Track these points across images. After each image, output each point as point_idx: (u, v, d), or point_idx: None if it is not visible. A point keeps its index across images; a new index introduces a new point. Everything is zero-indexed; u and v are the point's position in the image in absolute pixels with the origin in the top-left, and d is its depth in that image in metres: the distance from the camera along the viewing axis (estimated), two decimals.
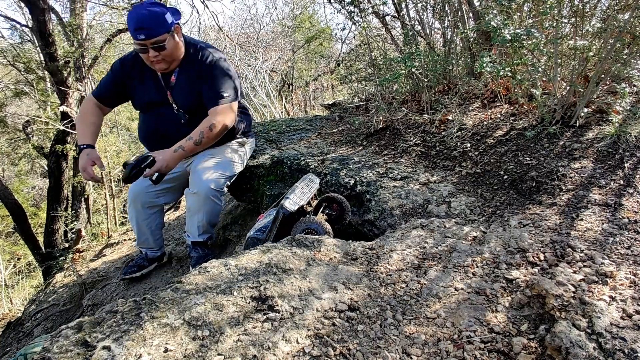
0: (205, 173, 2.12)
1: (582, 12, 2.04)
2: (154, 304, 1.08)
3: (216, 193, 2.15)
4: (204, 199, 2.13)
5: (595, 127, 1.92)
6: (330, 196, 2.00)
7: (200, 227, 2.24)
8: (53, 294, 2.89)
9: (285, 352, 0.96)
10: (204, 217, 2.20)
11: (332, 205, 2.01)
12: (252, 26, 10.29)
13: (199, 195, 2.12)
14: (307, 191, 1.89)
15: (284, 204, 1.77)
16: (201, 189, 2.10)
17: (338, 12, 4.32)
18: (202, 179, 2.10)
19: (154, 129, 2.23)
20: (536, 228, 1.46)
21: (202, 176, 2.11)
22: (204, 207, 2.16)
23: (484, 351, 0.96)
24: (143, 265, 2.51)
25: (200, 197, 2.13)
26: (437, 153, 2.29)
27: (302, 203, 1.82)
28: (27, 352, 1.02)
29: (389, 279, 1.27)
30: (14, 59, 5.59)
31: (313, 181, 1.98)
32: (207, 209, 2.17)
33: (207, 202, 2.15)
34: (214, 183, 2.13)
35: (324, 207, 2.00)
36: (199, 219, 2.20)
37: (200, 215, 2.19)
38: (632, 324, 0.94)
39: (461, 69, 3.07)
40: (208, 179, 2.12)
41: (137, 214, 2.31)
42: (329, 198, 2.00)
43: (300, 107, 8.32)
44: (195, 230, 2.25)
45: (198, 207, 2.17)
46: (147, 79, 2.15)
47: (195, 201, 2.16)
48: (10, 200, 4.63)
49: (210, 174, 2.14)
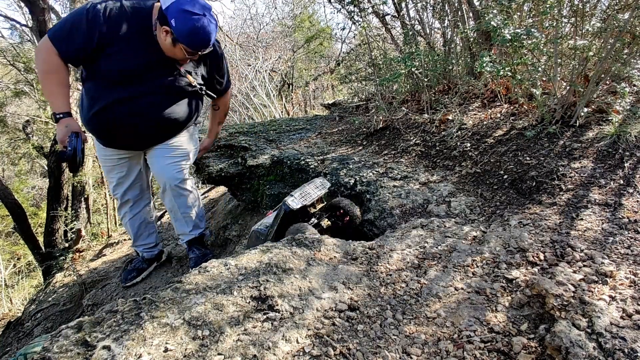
0: (163, 170, 2.08)
1: (582, 12, 2.04)
2: (154, 304, 1.08)
3: (182, 184, 2.12)
4: (174, 195, 2.13)
5: (595, 126, 1.92)
6: (339, 204, 1.96)
7: (189, 222, 2.23)
8: (53, 294, 2.90)
9: (285, 352, 0.96)
10: (185, 210, 2.19)
11: (337, 213, 1.97)
12: (252, 26, 10.29)
13: (167, 193, 2.13)
14: (314, 193, 1.88)
15: (287, 201, 1.76)
16: (166, 187, 2.10)
17: (338, 11, 4.32)
18: (163, 177, 2.09)
19: (128, 111, 1.86)
20: (536, 228, 1.46)
21: (163, 174, 2.08)
22: (179, 201, 2.15)
23: (483, 351, 0.96)
24: (142, 269, 2.49)
25: (169, 194, 2.13)
26: (437, 153, 2.29)
27: (306, 203, 1.81)
28: (27, 352, 1.02)
29: (389, 278, 1.27)
30: (14, 58, 5.59)
31: (323, 185, 1.95)
32: (182, 202, 2.16)
33: (179, 196, 2.14)
34: (177, 175, 2.09)
35: (331, 214, 1.97)
36: (182, 213, 2.20)
37: (182, 210, 2.19)
38: (632, 323, 0.94)
39: (461, 68, 3.07)
40: (169, 175, 2.08)
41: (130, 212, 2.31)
42: (337, 206, 1.97)
43: (300, 107, 8.31)
44: (185, 226, 2.25)
45: (172, 204, 2.17)
46: (135, 41, 1.77)
47: (168, 200, 2.16)
48: (10, 200, 4.63)
49: (169, 167, 2.08)
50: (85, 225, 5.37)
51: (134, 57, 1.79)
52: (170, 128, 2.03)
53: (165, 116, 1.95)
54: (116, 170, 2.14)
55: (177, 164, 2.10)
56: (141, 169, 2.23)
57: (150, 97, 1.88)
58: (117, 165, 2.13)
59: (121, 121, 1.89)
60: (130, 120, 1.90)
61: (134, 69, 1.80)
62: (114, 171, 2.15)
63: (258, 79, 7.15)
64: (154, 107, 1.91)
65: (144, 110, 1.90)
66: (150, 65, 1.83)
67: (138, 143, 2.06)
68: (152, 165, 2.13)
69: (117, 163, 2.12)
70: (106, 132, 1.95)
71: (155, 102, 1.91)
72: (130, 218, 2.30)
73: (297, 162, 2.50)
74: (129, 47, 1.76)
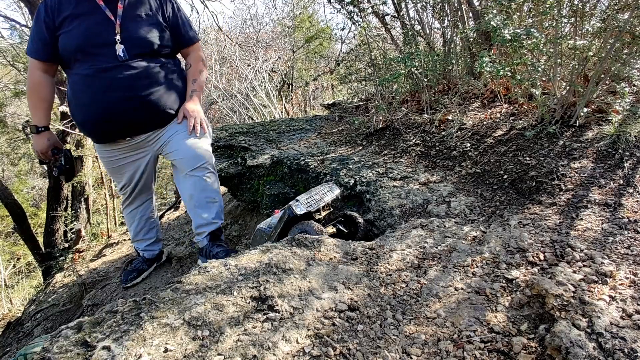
0: (199, 145, 1.94)
1: (582, 12, 2.04)
2: (153, 304, 1.08)
3: (206, 165, 1.98)
4: (209, 173, 1.97)
5: (595, 126, 1.92)
6: (349, 215, 1.95)
7: (219, 210, 2.04)
8: (53, 294, 2.89)
9: (285, 352, 0.96)
10: (215, 195, 2.02)
11: (346, 223, 1.94)
12: (252, 26, 10.29)
13: (188, 176, 1.94)
14: (321, 198, 1.82)
15: (292, 206, 1.74)
16: (203, 163, 1.93)
17: (338, 12, 4.33)
18: (203, 152, 1.94)
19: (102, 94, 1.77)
20: (536, 228, 1.46)
21: (201, 150, 1.94)
22: (212, 182, 1.99)
23: (483, 351, 0.96)
24: (142, 269, 2.47)
25: (192, 177, 1.94)
26: (437, 153, 2.29)
27: (311, 209, 1.75)
28: (27, 352, 1.02)
29: (389, 278, 1.27)
30: (13, 59, 5.59)
31: (332, 190, 1.91)
32: (213, 181, 2.00)
33: (211, 176, 1.98)
34: (209, 153, 1.97)
35: (338, 222, 1.95)
36: (205, 197, 1.99)
37: (210, 194, 2.00)
38: (632, 323, 0.94)
39: (461, 68, 3.07)
40: (208, 150, 1.96)
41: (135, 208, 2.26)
42: (348, 217, 1.95)
43: (300, 107, 8.32)
44: (208, 212, 2.01)
45: (195, 188, 1.96)
46: (82, 8, 1.75)
47: (191, 185, 1.96)
48: (10, 200, 4.63)
49: (204, 143, 1.96)
50: (85, 225, 5.37)
51: (79, 30, 1.75)
52: (151, 95, 1.87)
53: (139, 83, 1.82)
54: (125, 168, 2.09)
55: (206, 141, 1.99)
56: (145, 166, 2.13)
57: (113, 69, 1.78)
58: (119, 166, 2.08)
59: (103, 102, 1.80)
60: (110, 97, 1.80)
61: (82, 41, 1.75)
62: (122, 169, 2.09)
63: (258, 79, 7.15)
64: (123, 76, 1.79)
65: (117, 82, 1.79)
66: (98, 32, 1.76)
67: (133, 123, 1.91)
68: (174, 150, 1.96)
69: (127, 161, 2.06)
70: (97, 124, 1.88)
71: (122, 70, 1.78)
72: (130, 211, 2.28)
73: (297, 162, 2.50)
74: (77, 17, 1.76)
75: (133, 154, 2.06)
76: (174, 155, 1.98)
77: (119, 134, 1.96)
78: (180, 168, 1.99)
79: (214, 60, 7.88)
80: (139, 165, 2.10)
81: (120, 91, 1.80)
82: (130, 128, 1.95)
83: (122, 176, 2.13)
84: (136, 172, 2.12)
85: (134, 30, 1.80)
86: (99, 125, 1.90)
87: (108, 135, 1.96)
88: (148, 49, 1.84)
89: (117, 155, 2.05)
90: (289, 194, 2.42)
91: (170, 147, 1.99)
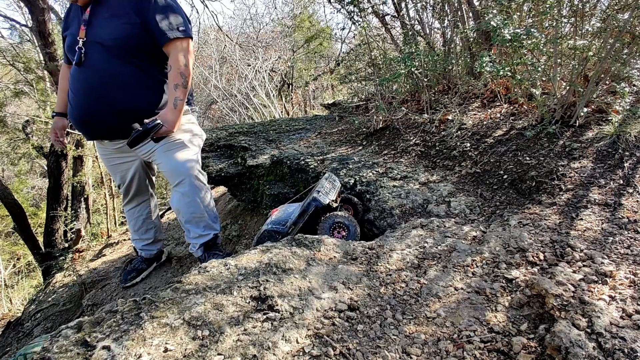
0: (178, 159, 1.90)
1: (582, 12, 2.04)
2: (153, 304, 1.08)
3: (200, 176, 1.96)
4: (192, 187, 1.92)
5: (595, 126, 1.92)
6: (347, 197, 2.04)
7: (207, 223, 2.03)
8: (53, 294, 2.89)
9: (285, 352, 0.96)
10: (201, 211, 1.99)
11: (347, 206, 2.04)
12: (252, 26, 10.29)
13: (183, 185, 1.91)
14: (333, 187, 1.92)
15: (316, 197, 1.75)
16: (182, 179, 1.90)
17: (338, 11, 4.32)
18: (182, 168, 1.89)
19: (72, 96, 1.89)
20: (536, 228, 1.46)
21: (179, 165, 1.89)
22: (196, 197, 1.94)
23: (483, 351, 0.96)
24: (141, 269, 2.48)
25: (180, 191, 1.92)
26: (437, 153, 2.29)
27: (332, 197, 1.83)
28: (27, 352, 1.02)
29: (389, 278, 1.27)
30: (13, 58, 5.58)
31: (335, 179, 2.01)
32: (197, 195, 1.95)
33: (194, 190, 1.93)
34: (194, 165, 1.92)
35: (342, 207, 2.04)
36: (196, 213, 1.98)
37: (195, 210, 1.97)
38: (631, 323, 0.94)
39: (461, 68, 3.07)
40: (186, 164, 1.89)
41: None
42: (346, 199, 2.04)
43: (300, 107, 8.31)
44: (201, 229, 2.04)
45: (187, 202, 1.94)
46: (73, 18, 1.90)
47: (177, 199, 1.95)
48: (10, 200, 4.62)
49: (185, 156, 1.91)
50: (85, 225, 5.37)
51: (68, 36, 1.89)
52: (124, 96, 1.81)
53: (100, 88, 1.79)
54: (115, 169, 2.15)
55: (192, 151, 1.96)
56: (134, 171, 2.14)
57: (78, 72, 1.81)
58: (115, 164, 2.13)
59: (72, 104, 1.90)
60: (77, 100, 1.84)
61: (65, 47, 1.91)
62: (113, 169, 2.16)
63: (258, 79, 7.15)
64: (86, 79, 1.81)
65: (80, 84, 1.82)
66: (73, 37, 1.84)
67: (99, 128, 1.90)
68: (159, 163, 1.96)
69: (115, 162, 2.12)
70: (75, 123, 1.95)
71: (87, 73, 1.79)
72: (129, 210, 2.31)
73: (297, 162, 2.50)
74: (71, 27, 1.89)
75: (121, 156, 2.10)
76: (159, 167, 2.00)
77: (94, 136, 2.01)
78: (168, 179, 2.03)
79: (214, 60, 7.89)
80: (128, 168, 2.14)
81: (82, 94, 1.84)
82: (99, 132, 1.96)
83: (115, 175, 2.21)
84: (126, 174, 2.16)
85: (96, 34, 1.78)
86: (77, 126, 2.00)
87: (87, 136, 2.05)
88: (114, 52, 1.76)
89: (107, 155, 2.11)
90: (289, 194, 2.42)
91: (155, 158, 1.97)
